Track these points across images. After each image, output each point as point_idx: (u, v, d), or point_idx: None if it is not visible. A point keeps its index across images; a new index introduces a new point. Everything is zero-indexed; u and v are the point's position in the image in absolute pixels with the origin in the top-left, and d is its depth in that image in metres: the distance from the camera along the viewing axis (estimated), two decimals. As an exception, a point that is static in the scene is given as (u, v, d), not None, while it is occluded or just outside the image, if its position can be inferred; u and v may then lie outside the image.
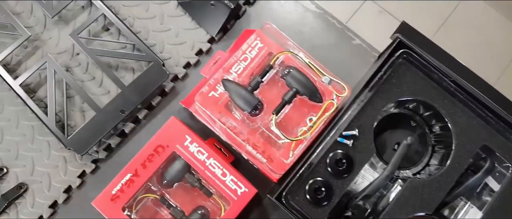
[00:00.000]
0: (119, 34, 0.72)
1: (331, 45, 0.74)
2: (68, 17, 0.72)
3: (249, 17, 0.75)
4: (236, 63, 0.66)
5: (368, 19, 1.73)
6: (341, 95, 0.62)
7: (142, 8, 0.73)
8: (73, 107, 0.69)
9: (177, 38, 0.72)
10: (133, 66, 0.71)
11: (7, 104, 0.69)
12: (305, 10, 0.75)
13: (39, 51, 0.71)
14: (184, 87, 0.72)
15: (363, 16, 1.74)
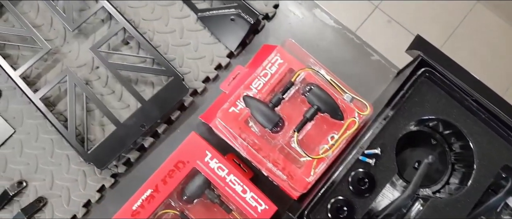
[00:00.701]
0: (138, 48, 0.72)
1: (349, 60, 0.74)
2: (88, 31, 0.73)
3: (267, 32, 0.75)
4: (257, 79, 0.66)
5: (377, 28, 1.73)
6: (363, 113, 0.62)
7: (162, 22, 0.73)
8: (93, 121, 0.69)
9: (197, 53, 0.72)
10: (152, 80, 0.71)
11: (27, 117, 0.69)
12: (323, 25, 0.75)
13: (59, 64, 0.71)
14: (203, 101, 0.72)
15: (372, 25, 1.74)
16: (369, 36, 0.76)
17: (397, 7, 1.75)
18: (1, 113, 0.69)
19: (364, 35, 0.76)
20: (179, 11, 0.74)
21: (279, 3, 0.75)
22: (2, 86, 0.70)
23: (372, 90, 0.72)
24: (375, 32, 1.76)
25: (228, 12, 0.72)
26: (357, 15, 1.75)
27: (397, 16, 1.75)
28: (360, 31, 1.71)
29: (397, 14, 1.75)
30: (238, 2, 0.72)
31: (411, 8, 1.74)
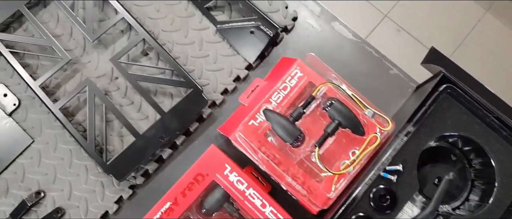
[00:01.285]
0: (158, 59, 0.72)
1: (368, 74, 0.74)
2: (108, 41, 0.73)
3: (286, 44, 0.75)
4: (276, 92, 0.66)
5: (386, 37, 1.73)
6: (384, 129, 0.62)
7: (181, 33, 0.73)
8: (112, 132, 0.69)
9: (215, 65, 0.72)
10: (171, 92, 0.71)
11: (45, 127, 0.69)
12: (342, 38, 0.75)
13: (78, 74, 0.71)
14: (221, 113, 0.72)
15: (381, 34, 1.74)
16: (378, 45, 0.76)
17: (406, 16, 1.75)
18: (20, 123, 0.69)
19: (373, 43, 0.76)
20: (199, 23, 0.74)
21: (298, 16, 0.75)
22: (21, 96, 0.70)
23: (390, 104, 0.72)
24: (384, 41, 1.76)
25: (247, 25, 0.72)
26: (366, 24, 1.76)
27: (406, 25, 1.75)
28: (369, 40, 1.71)
29: (406, 23, 1.75)
30: (258, 15, 0.72)
31: (420, 17, 1.74)
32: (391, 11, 1.77)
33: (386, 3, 1.76)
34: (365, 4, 1.77)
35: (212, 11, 0.75)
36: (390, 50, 0.78)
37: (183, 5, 0.74)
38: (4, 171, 0.67)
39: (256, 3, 0.74)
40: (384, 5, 1.76)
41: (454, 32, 1.74)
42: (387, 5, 1.76)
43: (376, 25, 1.76)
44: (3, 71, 0.70)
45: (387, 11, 1.77)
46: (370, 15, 1.76)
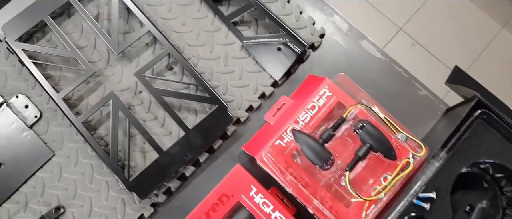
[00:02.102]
0: (182, 74, 0.71)
1: (396, 94, 0.72)
2: (132, 54, 0.71)
3: (312, 61, 0.73)
4: (304, 112, 0.64)
5: (401, 50, 1.71)
6: (418, 155, 0.60)
7: (207, 48, 0.72)
8: (134, 147, 0.67)
9: (241, 81, 0.71)
10: (196, 107, 0.69)
11: (67, 140, 0.67)
12: (370, 57, 0.74)
13: (101, 87, 0.70)
14: (245, 131, 0.70)
15: (396, 47, 1.72)
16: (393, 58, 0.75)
17: (421, 30, 1.73)
18: (41, 135, 0.67)
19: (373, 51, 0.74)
20: (224, 37, 0.72)
21: (325, 33, 0.74)
22: (42, 108, 0.68)
23: (419, 126, 0.70)
24: (399, 55, 1.74)
25: (274, 41, 0.71)
26: (381, 37, 1.74)
27: (421, 39, 1.73)
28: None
29: (421, 37, 1.73)
30: (285, 31, 0.71)
31: (436, 32, 1.73)
32: (406, 24, 1.76)
33: (401, 17, 1.75)
34: (380, 17, 1.76)
35: (238, 26, 0.73)
36: (404, 64, 0.76)
37: (209, 20, 0.73)
38: (23, 185, 0.65)
39: (283, 19, 0.72)
40: (400, 19, 1.75)
41: (469, 48, 1.72)
42: (403, 18, 1.75)
43: (391, 39, 1.75)
44: (25, 82, 0.69)
45: (402, 25, 1.75)
46: (385, 28, 1.75)
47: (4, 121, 0.67)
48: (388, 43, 1.74)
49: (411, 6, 1.76)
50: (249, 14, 0.73)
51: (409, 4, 1.76)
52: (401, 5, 1.75)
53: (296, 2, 0.75)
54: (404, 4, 1.76)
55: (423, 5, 1.77)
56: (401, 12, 1.75)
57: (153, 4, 0.73)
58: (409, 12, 1.76)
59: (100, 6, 0.73)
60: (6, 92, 0.69)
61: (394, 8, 1.75)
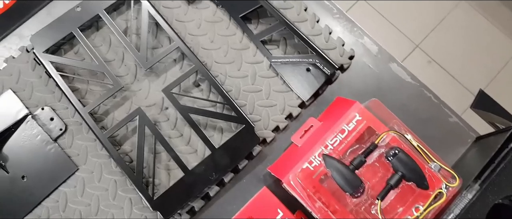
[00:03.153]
0: (209, 92, 0.70)
1: (426, 120, 0.71)
2: (160, 69, 0.71)
3: (341, 83, 0.72)
4: (333, 135, 0.63)
5: (416, 67, 1.70)
6: (451, 185, 0.59)
7: (234, 66, 0.71)
8: (159, 165, 0.66)
9: (268, 100, 0.70)
10: (222, 126, 0.69)
11: (91, 155, 0.66)
12: (400, 81, 0.72)
13: (128, 102, 0.69)
14: (271, 151, 0.69)
15: (412, 64, 1.71)
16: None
17: (438, 48, 1.72)
18: (65, 149, 0.66)
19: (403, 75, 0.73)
20: (253, 56, 0.72)
21: (355, 55, 0.73)
22: (68, 121, 0.68)
23: (448, 153, 0.69)
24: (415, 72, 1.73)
25: (303, 61, 0.70)
26: (397, 53, 1.72)
27: (438, 57, 1.72)
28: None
29: (438, 55, 1.72)
30: (315, 52, 0.70)
31: (453, 50, 1.71)
32: (423, 42, 1.75)
33: (418, 34, 1.74)
34: (397, 33, 1.75)
35: (266, 45, 0.73)
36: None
37: (238, 37, 0.72)
38: (45, 199, 0.65)
39: (312, 39, 0.71)
40: (416, 36, 1.74)
41: (486, 68, 1.70)
42: (420, 35, 1.74)
43: (407, 55, 1.74)
44: (51, 94, 0.68)
45: (419, 42, 1.74)
46: (401, 45, 1.74)
47: (29, 133, 0.66)
48: (404, 60, 1.73)
49: (429, 23, 1.75)
50: (278, 33, 0.73)
51: (426, 21, 1.75)
52: (418, 23, 1.75)
53: (325, 23, 0.74)
54: (422, 21, 1.75)
55: (440, 23, 1.76)
56: (418, 29, 1.74)
57: (182, 20, 0.73)
58: (426, 30, 1.75)
59: (129, 20, 0.72)
60: (32, 104, 0.68)
61: (411, 25, 1.74)
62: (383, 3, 1.76)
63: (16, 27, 0.75)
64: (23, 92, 0.68)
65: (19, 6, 0.95)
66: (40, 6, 0.81)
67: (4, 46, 0.72)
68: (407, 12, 1.75)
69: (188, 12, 0.73)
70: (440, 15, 1.76)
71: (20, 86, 0.69)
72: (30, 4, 0.89)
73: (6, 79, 0.69)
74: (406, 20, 1.75)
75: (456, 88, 1.68)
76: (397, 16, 1.75)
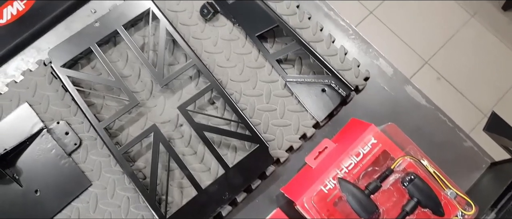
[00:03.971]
0: (224, 109, 0.70)
1: (440, 144, 0.70)
2: (175, 86, 0.71)
3: (356, 104, 0.72)
4: (348, 158, 0.63)
5: (425, 84, 1.70)
6: (467, 213, 0.58)
7: (249, 84, 0.71)
8: (172, 182, 0.66)
9: (282, 120, 0.70)
10: (235, 145, 0.68)
11: (105, 171, 0.66)
12: (415, 103, 0.72)
13: (143, 118, 0.69)
14: (284, 172, 0.69)
15: (421, 81, 1.70)
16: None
17: (447, 64, 1.72)
18: (79, 164, 0.67)
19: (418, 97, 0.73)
20: (268, 75, 0.72)
21: (370, 76, 0.73)
22: (83, 136, 0.68)
23: (462, 178, 0.68)
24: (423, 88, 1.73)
25: (319, 82, 0.70)
26: (406, 69, 1.72)
27: (447, 74, 1.72)
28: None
29: (446, 72, 1.72)
30: (331, 73, 0.70)
31: (462, 67, 1.71)
32: (432, 58, 1.74)
33: (427, 50, 1.74)
34: (406, 48, 1.75)
35: (282, 64, 0.73)
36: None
37: (254, 56, 0.73)
38: (58, 214, 0.64)
39: (328, 59, 0.71)
40: (426, 52, 1.74)
41: (495, 85, 1.70)
42: (429, 52, 1.74)
43: (416, 71, 1.74)
44: (67, 109, 0.69)
45: (428, 58, 1.74)
46: (410, 61, 1.74)
47: (44, 147, 0.67)
48: (413, 76, 1.72)
49: (438, 40, 1.75)
50: (294, 53, 0.73)
51: (435, 38, 1.75)
52: (427, 39, 1.75)
53: (341, 43, 0.74)
54: (431, 37, 1.75)
55: (450, 39, 1.76)
56: (427, 46, 1.74)
57: (199, 37, 0.73)
58: (435, 46, 1.75)
59: (146, 36, 0.73)
60: (47, 117, 0.68)
61: (421, 41, 1.74)
62: (392, 18, 1.76)
63: (32, 37, 0.76)
64: (39, 106, 0.69)
65: (32, 14, 0.96)
66: (52, 14, 0.83)
67: (22, 58, 0.72)
68: (416, 28, 1.75)
69: (205, 29, 0.74)
70: (450, 32, 1.76)
71: (37, 99, 0.69)
72: (43, 13, 0.91)
73: (22, 92, 0.69)
74: (415, 36, 1.75)
75: (465, 105, 1.67)
76: (406, 31, 1.75)
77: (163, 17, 0.71)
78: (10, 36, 0.99)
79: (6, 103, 0.69)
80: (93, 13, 0.75)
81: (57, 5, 0.97)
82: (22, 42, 1.00)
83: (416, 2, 1.77)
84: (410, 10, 1.77)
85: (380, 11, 1.78)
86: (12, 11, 1.06)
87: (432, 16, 1.76)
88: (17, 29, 1.02)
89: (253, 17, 0.73)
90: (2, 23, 1.07)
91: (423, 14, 1.77)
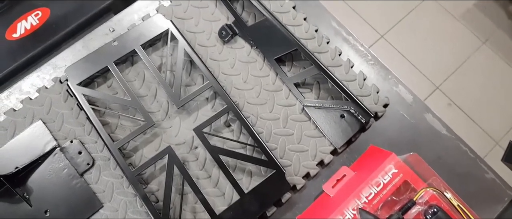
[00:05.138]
0: (240, 132, 0.69)
1: (461, 175, 0.68)
2: (191, 108, 0.70)
3: (374, 131, 0.71)
4: (368, 187, 0.61)
5: (436, 110, 1.68)
6: (493, 250, 0.56)
7: (266, 107, 0.70)
8: (185, 206, 0.64)
9: (299, 145, 0.68)
10: (251, 169, 0.67)
11: (117, 193, 0.65)
12: (435, 132, 0.71)
13: (157, 139, 0.68)
14: (300, 199, 0.67)
15: (433, 105, 1.69)
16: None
17: (458, 90, 1.71)
18: (91, 184, 0.65)
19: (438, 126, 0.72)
20: (285, 98, 0.71)
21: (389, 103, 0.72)
22: (96, 156, 0.66)
23: (484, 211, 0.66)
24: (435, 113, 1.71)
25: (338, 108, 0.69)
26: (417, 94, 1.71)
27: (458, 100, 1.70)
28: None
29: (458, 98, 1.70)
30: (350, 98, 0.68)
31: (473, 94, 1.70)
32: (443, 83, 1.73)
33: (439, 75, 1.73)
34: (417, 73, 1.74)
35: (299, 88, 0.72)
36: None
37: (271, 79, 0.72)
38: (67, 235, 0.63)
39: (346, 85, 0.70)
40: (437, 77, 1.73)
41: (507, 113, 1.68)
42: (440, 77, 1.73)
43: (427, 97, 1.72)
44: (81, 127, 0.68)
45: (439, 84, 1.73)
46: (421, 85, 1.73)
47: (56, 166, 0.65)
48: (425, 100, 1.71)
49: (449, 65, 1.75)
50: (312, 77, 0.72)
51: (447, 63, 1.74)
52: (439, 64, 1.74)
53: (360, 68, 0.73)
54: (442, 63, 1.74)
55: (461, 65, 1.75)
56: (438, 71, 1.73)
57: (216, 58, 0.73)
58: (446, 72, 1.74)
59: (164, 56, 0.72)
60: (61, 136, 0.67)
61: (432, 66, 1.74)
62: (403, 43, 1.76)
63: (44, 52, 0.76)
64: (53, 124, 0.68)
65: (45, 29, 0.97)
66: (65, 30, 0.84)
67: (38, 75, 0.72)
68: (427, 53, 1.75)
69: (222, 51, 0.73)
70: (461, 57, 1.76)
71: (51, 117, 0.68)
72: (56, 29, 0.92)
73: (37, 109, 0.68)
74: (427, 61, 1.74)
75: (476, 132, 1.65)
76: (418, 56, 1.75)
77: (181, 38, 0.71)
78: (23, 50, 1.00)
79: (20, 120, 0.68)
80: (111, 32, 0.74)
81: (70, 21, 0.98)
82: (33, 57, 1.01)
83: (428, 27, 1.78)
84: (422, 35, 1.77)
85: (391, 35, 1.78)
86: (26, 26, 1.07)
87: (444, 41, 1.76)
88: (30, 43, 1.02)
89: (271, 40, 0.72)
90: (16, 37, 1.08)
91: (434, 39, 1.77)
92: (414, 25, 1.78)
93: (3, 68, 0.97)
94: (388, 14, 1.80)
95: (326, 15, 0.77)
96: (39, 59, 1.00)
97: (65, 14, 1.02)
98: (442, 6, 1.81)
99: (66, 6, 1.04)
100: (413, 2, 1.82)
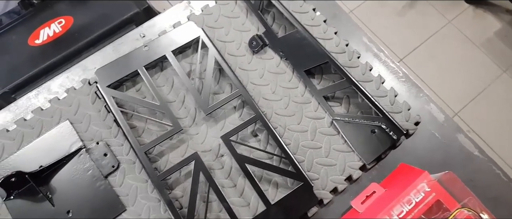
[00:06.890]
0: (267, 143, 0.68)
1: (494, 199, 0.66)
2: (219, 115, 0.69)
3: (405, 149, 0.69)
4: (399, 205, 0.59)
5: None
6: None
7: (294, 119, 0.69)
8: (209, 214, 0.63)
9: (327, 159, 0.67)
10: (277, 181, 0.65)
11: (141, 197, 0.64)
12: (467, 153, 0.69)
13: (184, 145, 0.67)
14: (327, 214, 0.65)
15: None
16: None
17: (477, 118, 1.68)
18: (115, 187, 0.64)
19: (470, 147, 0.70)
20: (314, 111, 0.70)
21: (421, 121, 0.70)
22: (121, 158, 0.66)
23: (519, 237, 0.63)
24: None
25: (369, 123, 0.68)
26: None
27: (476, 127, 1.67)
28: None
29: (476, 125, 1.68)
30: (382, 114, 0.67)
31: (492, 122, 1.67)
32: (462, 111, 1.71)
33: (457, 103, 1.71)
34: (436, 100, 1.72)
35: (329, 101, 0.71)
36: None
37: (300, 91, 0.71)
38: (88, 238, 0.61)
39: (377, 100, 0.69)
40: (456, 104, 1.71)
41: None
42: (459, 104, 1.71)
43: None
44: (108, 130, 0.67)
45: (458, 110, 1.71)
46: (439, 112, 1.70)
47: (80, 167, 0.65)
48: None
49: (468, 93, 1.73)
50: (342, 91, 0.71)
51: (466, 91, 1.73)
52: (458, 91, 1.72)
53: (391, 85, 0.72)
54: (461, 90, 1.73)
55: (480, 93, 1.73)
56: (457, 98, 1.72)
57: (245, 68, 0.72)
58: (466, 99, 1.72)
59: (193, 63, 0.72)
60: (87, 137, 0.67)
61: (451, 93, 1.72)
62: (422, 68, 1.75)
63: (64, 59, 0.76)
64: (80, 125, 0.67)
65: (67, 37, 0.99)
66: (86, 39, 0.84)
67: (67, 76, 0.72)
68: (447, 80, 1.73)
69: (252, 61, 0.73)
70: (481, 85, 1.74)
71: (78, 118, 0.68)
72: (78, 37, 0.94)
73: (65, 109, 0.68)
74: (446, 87, 1.73)
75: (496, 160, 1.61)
76: (437, 82, 1.73)
77: (212, 46, 0.71)
78: (43, 57, 1.02)
79: (47, 120, 0.68)
80: (141, 37, 0.75)
81: (92, 31, 1.00)
82: (54, 63, 1.02)
83: (448, 54, 1.77)
84: (441, 62, 1.77)
85: (411, 59, 1.78)
86: (49, 33, 1.09)
87: (464, 69, 1.75)
88: (51, 50, 1.04)
89: (301, 52, 0.72)
90: (38, 43, 1.10)
91: (454, 66, 1.76)
92: (433, 51, 1.78)
93: (23, 74, 0.99)
94: (406, 40, 1.80)
95: (357, 31, 0.77)
96: (59, 66, 1.01)
97: (88, 24, 1.05)
98: (463, 33, 1.81)
99: (89, 16, 1.06)
100: (432, 29, 1.83)
